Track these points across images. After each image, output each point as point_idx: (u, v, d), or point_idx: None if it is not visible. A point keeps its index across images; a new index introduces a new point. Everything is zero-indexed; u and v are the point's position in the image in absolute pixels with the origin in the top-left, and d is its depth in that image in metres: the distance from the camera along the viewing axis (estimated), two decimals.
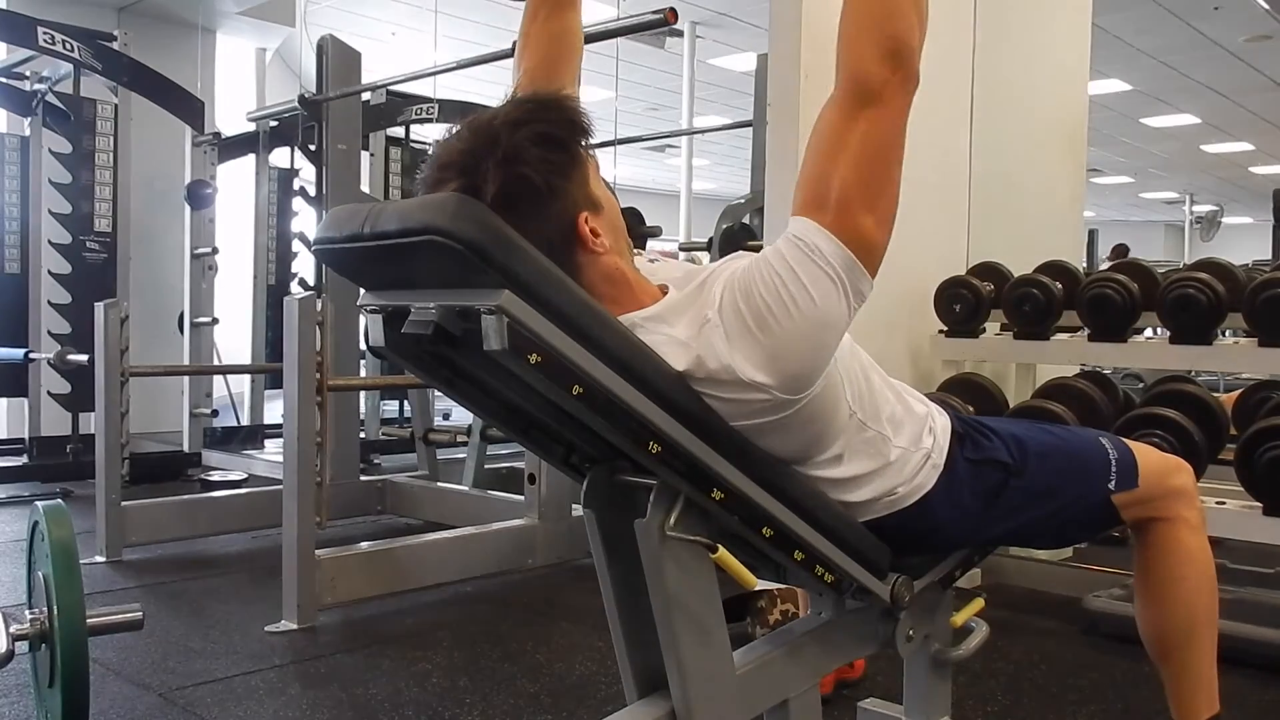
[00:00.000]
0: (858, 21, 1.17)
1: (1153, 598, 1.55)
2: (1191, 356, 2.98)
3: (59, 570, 1.75)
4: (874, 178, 1.17)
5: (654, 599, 1.22)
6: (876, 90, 1.15)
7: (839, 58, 1.18)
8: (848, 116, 1.16)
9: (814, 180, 1.18)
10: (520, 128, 1.17)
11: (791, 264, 1.14)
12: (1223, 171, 16.74)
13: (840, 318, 1.16)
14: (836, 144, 1.17)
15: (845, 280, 1.15)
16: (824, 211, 1.16)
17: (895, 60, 1.15)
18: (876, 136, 1.16)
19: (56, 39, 5.16)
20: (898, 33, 1.16)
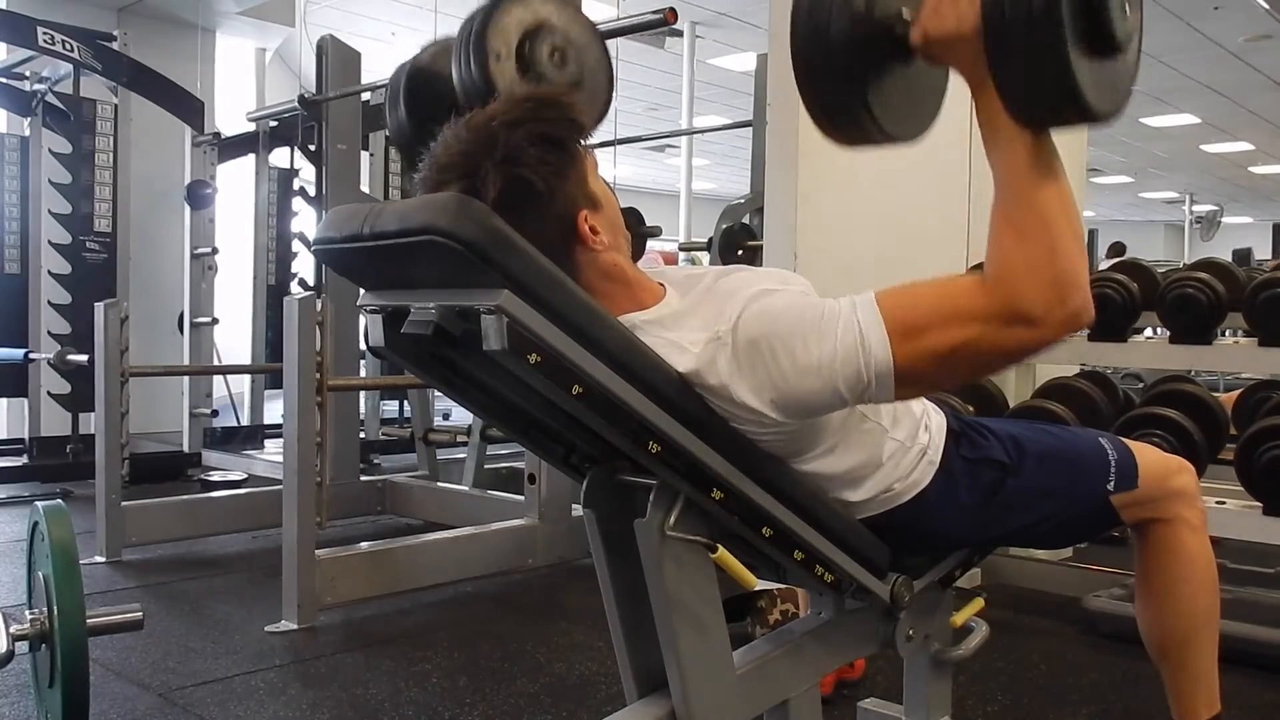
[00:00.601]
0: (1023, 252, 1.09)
1: (1153, 598, 1.55)
2: (1191, 356, 2.98)
3: (59, 570, 1.75)
4: (969, 364, 1.16)
5: (654, 599, 1.22)
6: (1034, 320, 1.09)
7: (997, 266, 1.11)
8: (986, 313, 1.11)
9: (916, 317, 1.14)
10: (518, 128, 1.17)
11: (839, 347, 1.13)
12: (1222, 171, 16.75)
13: (845, 403, 1.18)
14: (959, 318, 1.12)
15: (873, 389, 1.14)
16: (903, 340, 1.12)
17: (1068, 305, 1.09)
18: (999, 346, 1.13)
19: (56, 39, 5.16)
20: (1070, 275, 1.09)
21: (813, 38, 1.13)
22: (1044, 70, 1.05)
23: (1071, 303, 1.09)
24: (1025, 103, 1.09)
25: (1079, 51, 1.05)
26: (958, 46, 1.11)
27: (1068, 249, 1.10)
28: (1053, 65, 1.05)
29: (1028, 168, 1.11)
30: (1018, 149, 1.11)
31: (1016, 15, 1.04)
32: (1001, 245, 1.12)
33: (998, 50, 1.07)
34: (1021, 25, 1.04)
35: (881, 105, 1.15)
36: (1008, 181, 1.12)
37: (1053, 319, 1.09)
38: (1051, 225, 1.10)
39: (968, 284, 1.14)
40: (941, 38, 1.12)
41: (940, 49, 1.13)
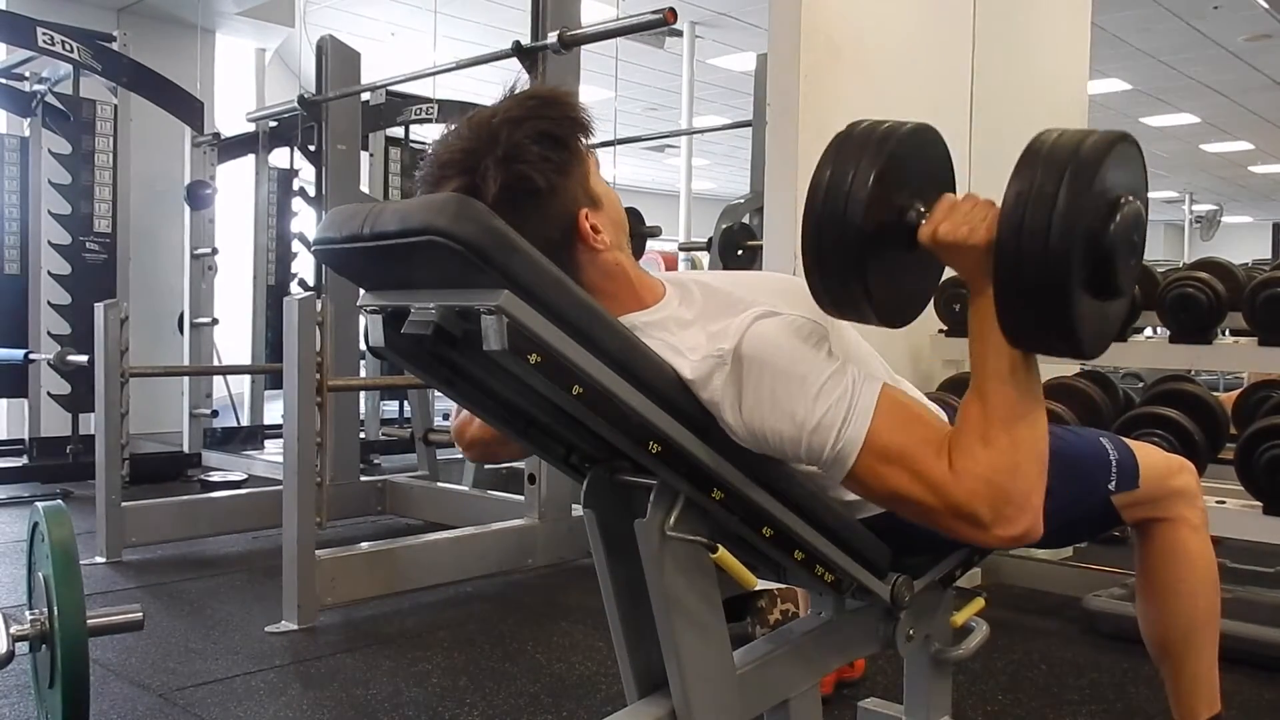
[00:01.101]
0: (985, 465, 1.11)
1: (1154, 598, 1.55)
2: (1191, 356, 2.98)
3: (59, 571, 1.75)
4: (903, 510, 1.16)
5: (654, 599, 1.22)
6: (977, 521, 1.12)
7: (963, 453, 1.12)
8: (939, 496, 1.12)
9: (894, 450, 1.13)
10: (520, 125, 1.17)
11: (827, 413, 1.12)
12: (1222, 171, 16.75)
13: (801, 460, 1.17)
14: (920, 480, 1.12)
15: (828, 468, 1.15)
16: (870, 454, 1.12)
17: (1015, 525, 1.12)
18: (939, 524, 1.14)
19: (56, 39, 5.16)
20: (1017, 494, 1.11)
21: (827, 215, 1.15)
22: (1045, 306, 1.08)
23: (1019, 523, 1.12)
24: (1021, 330, 1.12)
25: (1082, 294, 1.08)
26: (965, 253, 1.14)
27: (1028, 472, 1.12)
28: (1055, 303, 1.07)
29: (1007, 381, 1.13)
30: (1001, 360, 1.14)
31: (1031, 251, 1.06)
32: (967, 437, 1.13)
33: (1005, 278, 1.09)
34: (1034, 262, 1.06)
35: (877, 287, 1.17)
36: (986, 388, 1.14)
37: (997, 531, 1.11)
38: (1018, 446, 1.12)
39: (943, 444, 1.13)
40: (950, 242, 1.14)
41: (947, 251, 1.16)
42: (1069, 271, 1.05)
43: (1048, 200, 1.05)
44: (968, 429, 1.13)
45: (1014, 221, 1.07)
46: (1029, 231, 1.06)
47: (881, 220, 1.16)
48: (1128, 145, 1.11)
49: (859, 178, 1.14)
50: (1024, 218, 1.06)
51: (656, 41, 8.78)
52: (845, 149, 1.17)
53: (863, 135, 1.18)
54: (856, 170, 1.15)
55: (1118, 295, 1.13)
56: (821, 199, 1.16)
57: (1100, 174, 1.07)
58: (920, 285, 1.29)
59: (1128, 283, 1.12)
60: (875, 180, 1.14)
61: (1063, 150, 1.08)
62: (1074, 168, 1.06)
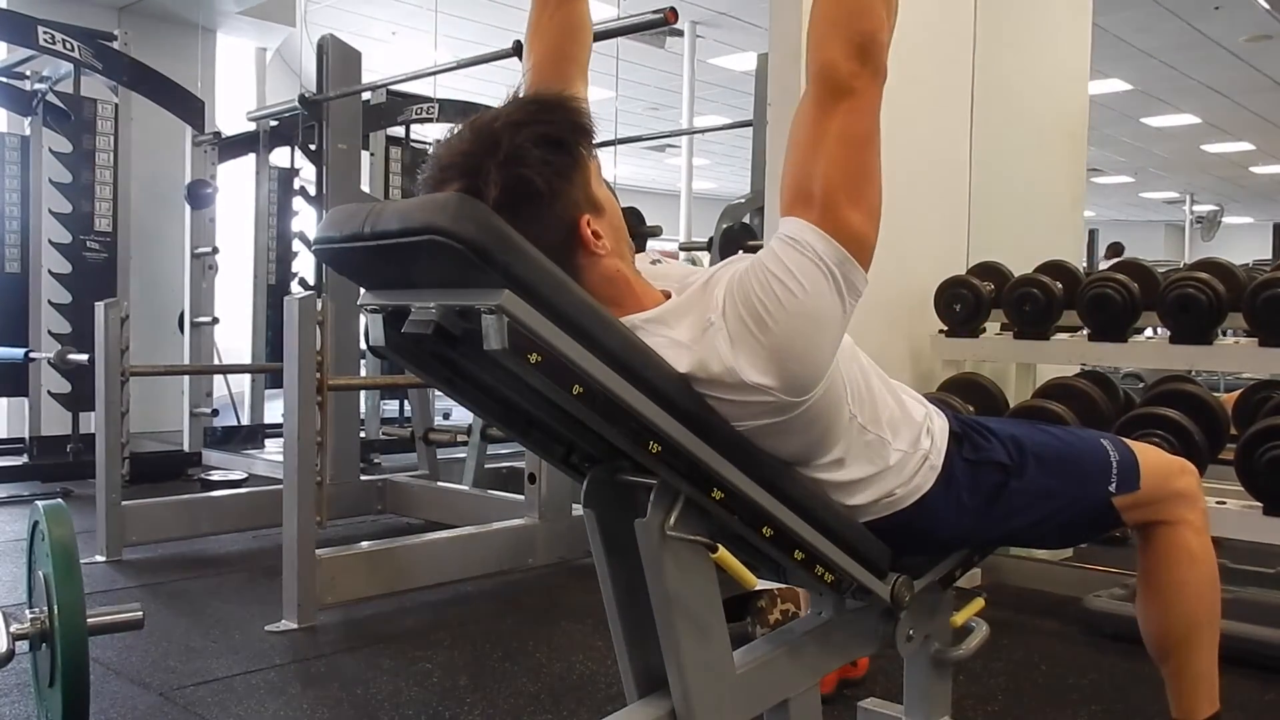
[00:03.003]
0: (827, 18, 1.17)
1: (1154, 599, 1.55)
2: (1192, 356, 2.98)
3: (59, 570, 1.75)
4: (856, 170, 1.18)
5: (654, 599, 1.22)
6: (847, 84, 1.15)
7: (809, 55, 1.19)
8: (823, 112, 1.17)
9: (797, 178, 1.18)
10: (522, 129, 1.17)
11: (785, 261, 1.14)
12: (1223, 171, 16.74)
13: (835, 312, 1.16)
14: (815, 140, 1.17)
15: (838, 274, 1.15)
16: (810, 208, 1.16)
17: (864, 55, 1.16)
18: (852, 129, 1.16)
19: (57, 39, 5.16)
20: (866, 28, 1.16)
21: None
22: None
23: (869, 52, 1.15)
24: None
25: None
26: None
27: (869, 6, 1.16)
28: None
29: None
30: None
31: None
32: (811, 24, 1.18)
33: None
34: None
35: None
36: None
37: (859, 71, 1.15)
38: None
39: (800, 110, 1.19)
40: None
41: None
42: None
43: None
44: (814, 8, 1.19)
45: None
46: None
47: None
48: None
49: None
50: None
51: (657, 41, 8.77)
52: None
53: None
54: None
55: None
56: None
57: None
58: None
59: None
60: None
61: None
62: None
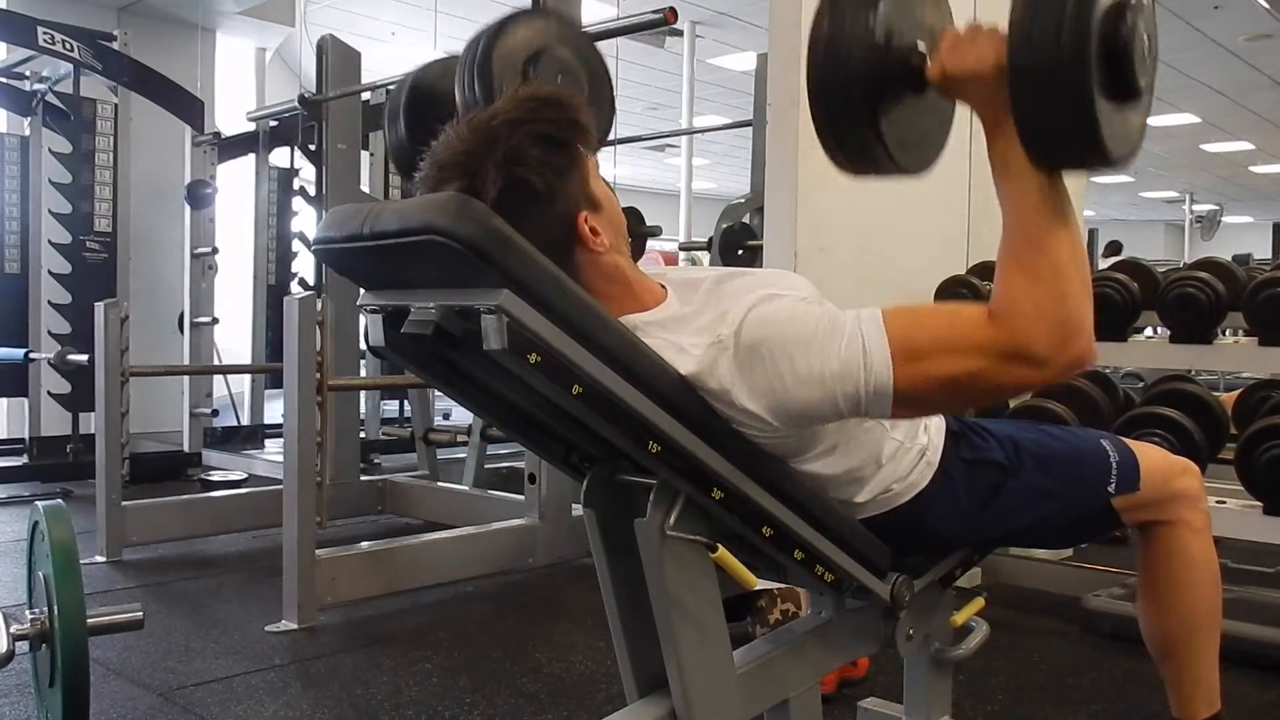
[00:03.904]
0: (1032, 293, 1.10)
1: (1155, 599, 1.55)
2: (1192, 355, 2.97)
3: (59, 570, 1.75)
4: (968, 392, 1.16)
5: (654, 599, 1.22)
6: (1037, 360, 1.10)
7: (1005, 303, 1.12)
8: (989, 347, 1.11)
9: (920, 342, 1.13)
10: (520, 127, 1.17)
11: (842, 359, 1.12)
12: (1223, 170, 16.74)
13: (844, 414, 1.17)
14: (962, 349, 1.12)
15: (871, 404, 1.14)
16: (904, 363, 1.12)
17: (1071, 347, 1.11)
18: (999, 380, 1.13)
19: (56, 39, 5.16)
20: (1076, 319, 1.11)
21: (830, 66, 1.13)
22: (1068, 114, 1.05)
23: (1075, 347, 1.11)
24: (1045, 145, 1.09)
25: (1102, 98, 1.06)
26: (975, 85, 1.12)
27: (1075, 294, 1.11)
28: (1077, 110, 1.05)
29: (1039, 209, 1.12)
30: (1030, 189, 1.12)
31: (1044, 60, 1.04)
32: (1010, 284, 1.12)
33: (1022, 92, 1.06)
34: (1048, 70, 1.04)
35: (892, 135, 1.15)
36: (1018, 222, 1.13)
37: (1057, 362, 1.10)
38: (1061, 270, 1.11)
39: (974, 315, 1.14)
40: (959, 76, 1.13)
41: (957, 86, 1.14)
42: (1085, 72, 1.03)
43: (1055, 4, 1.03)
44: (1009, 268, 1.13)
45: (1023, 33, 1.04)
46: (1039, 39, 1.03)
47: (886, 65, 1.14)
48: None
49: (857, 24, 1.12)
50: (1032, 27, 1.04)
51: (657, 41, 8.77)
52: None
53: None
54: (853, 17, 1.12)
55: (1136, 96, 1.11)
56: (823, 52, 1.14)
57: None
58: (934, 128, 1.27)
59: (1146, 81, 1.10)
60: (875, 25, 1.11)
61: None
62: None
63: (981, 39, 1.12)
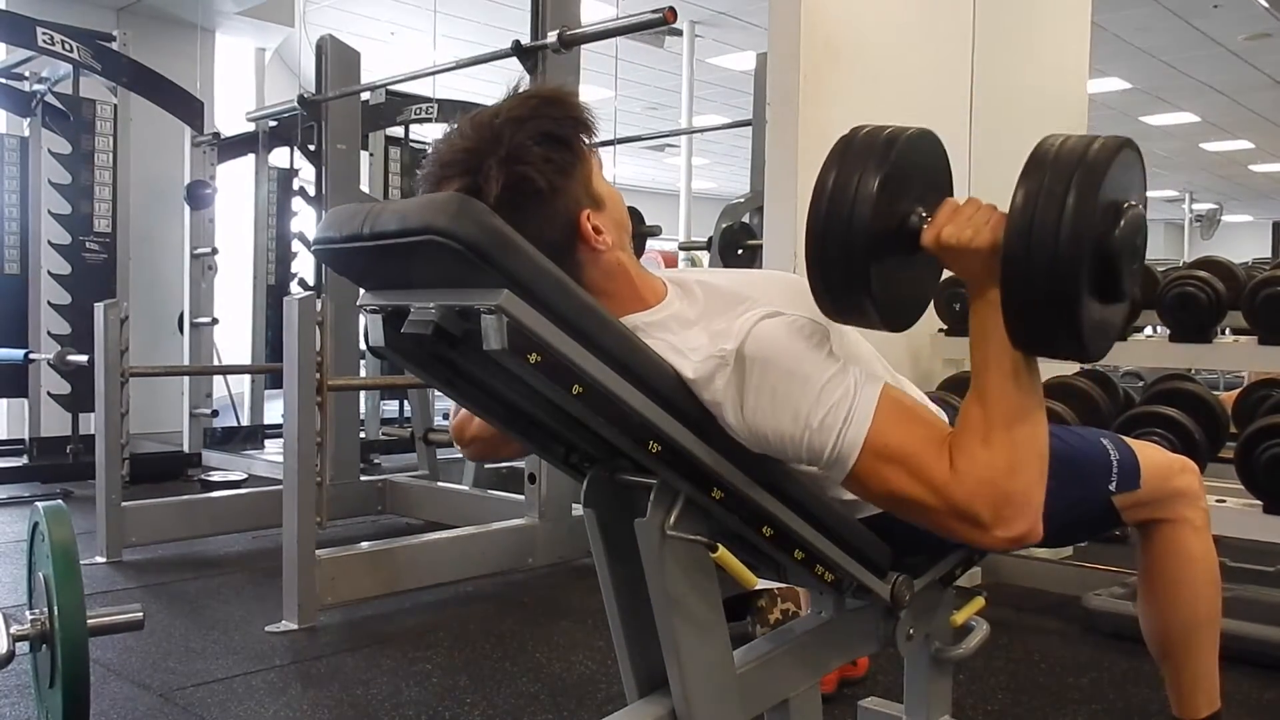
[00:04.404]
0: (984, 465, 1.11)
1: (1155, 598, 1.55)
2: (1191, 354, 2.98)
3: (59, 571, 1.75)
4: (903, 511, 1.17)
5: (654, 598, 1.22)
6: (976, 521, 1.11)
7: (958, 464, 1.12)
8: (940, 496, 1.12)
9: (895, 450, 1.13)
10: (523, 125, 1.17)
11: (828, 414, 1.12)
12: (1222, 170, 16.75)
13: (802, 460, 1.17)
14: (920, 481, 1.12)
15: (827, 464, 1.14)
16: (871, 455, 1.12)
17: (1014, 526, 1.11)
18: (938, 524, 1.14)
19: (56, 39, 5.16)
20: (1024, 502, 1.12)
21: (832, 217, 1.15)
22: (1054, 310, 1.08)
23: (1017, 523, 1.11)
24: (1027, 332, 1.12)
25: (1088, 298, 1.08)
26: (969, 256, 1.14)
27: (1027, 472, 1.12)
28: (1064, 308, 1.07)
29: (1008, 385, 1.13)
30: (1004, 362, 1.14)
31: (1040, 255, 1.06)
32: (965, 443, 1.13)
33: (1012, 279, 1.09)
34: (1043, 267, 1.06)
35: (880, 290, 1.17)
36: (987, 389, 1.14)
37: (996, 532, 1.11)
38: (1017, 447, 1.12)
39: (942, 447, 1.13)
40: (954, 246, 1.14)
41: (950, 255, 1.16)
42: (1078, 276, 1.05)
43: (1056, 203, 1.06)
44: (968, 430, 1.13)
45: (1023, 225, 1.07)
46: (1038, 235, 1.06)
47: (885, 227, 1.16)
48: (1131, 151, 1.12)
49: (863, 185, 1.14)
50: (1033, 221, 1.06)
51: (656, 41, 8.78)
52: (849, 155, 1.17)
53: (866, 141, 1.18)
54: (861, 177, 1.14)
55: (1121, 299, 1.14)
56: (825, 206, 1.16)
57: (1107, 179, 1.07)
58: (922, 289, 1.29)
59: (1132, 286, 1.13)
60: (879, 187, 1.14)
61: (1070, 154, 1.08)
62: (1082, 172, 1.07)
63: (980, 214, 1.14)
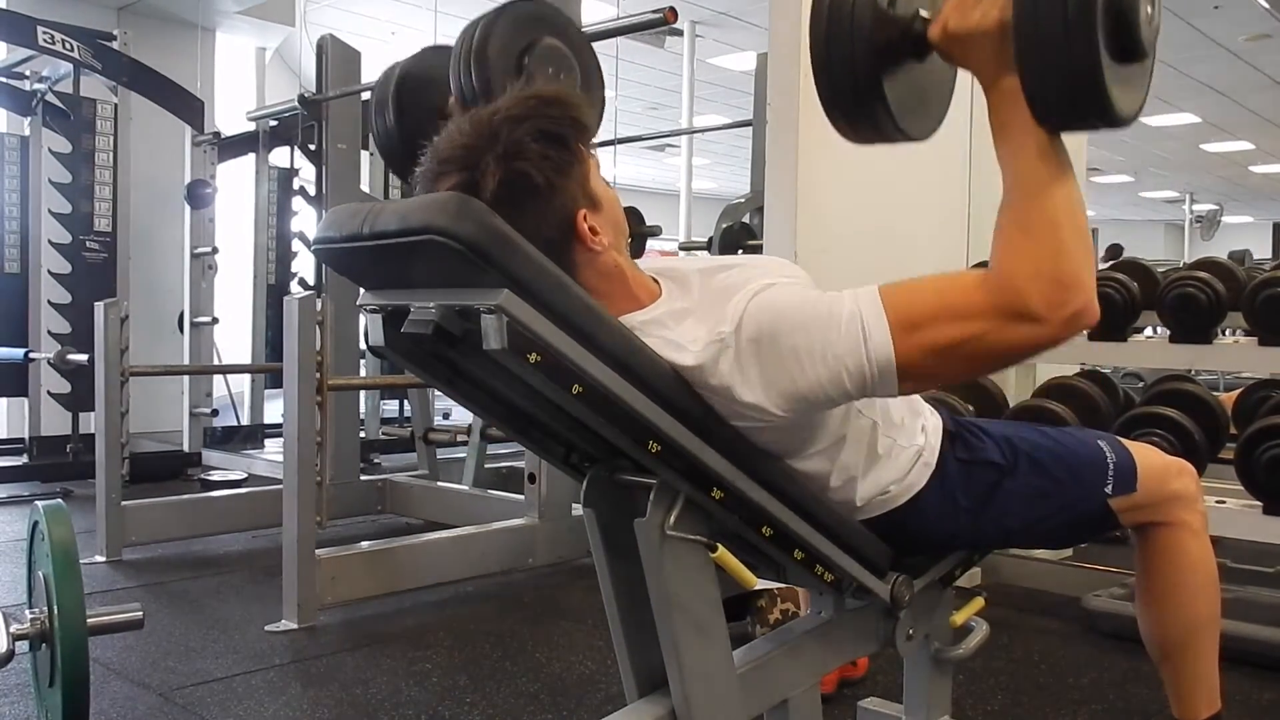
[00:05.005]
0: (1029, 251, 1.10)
1: (1154, 601, 1.55)
2: (1191, 355, 2.98)
3: (59, 570, 1.75)
4: (970, 360, 1.14)
5: (654, 598, 1.22)
6: (1036, 318, 1.09)
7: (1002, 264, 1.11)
8: (988, 310, 1.10)
9: (918, 310, 1.13)
10: (522, 123, 1.18)
11: (842, 338, 1.12)
12: (1223, 170, 16.74)
13: (849, 399, 1.17)
14: (961, 313, 1.11)
15: (876, 383, 1.13)
16: (904, 333, 1.11)
17: (1069, 305, 1.09)
18: (1001, 343, 1.12)
19: (56, 39, 5.16)
20: (1074, 276, 1.09)
21: (832, 33, 1.14)
22: (1075, 74, 1.06)
23: (1074, 303, 1.09)
24: (1052, 104, 1.09)
25: (1108, 56, 1.06)
26: (978, 43, 1.12)
27: (1073, 250, 1.10)
28: (1085, 69, 1.05)
29: (1038, 168, 1.11)
30: (1030, 148, 1.12)
31: (1051, 19, 1.04)
32: (1007, 243, 1.12)
33: (1028, 51, 1.07)
34: (1056, 30, 1.04)
35: (896, 101, 1.16)
36: (1017, 181, 1.13)
37: (1055, 318, 1.09)
38: (1059, 226, 1.10)
39: (971, 280, 1.14)
40: (962, 34, 1.13)
41: (959, 46, 1.14)
42: (1092, 31, 1.03)
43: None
44: (1006, 226, 1.12)
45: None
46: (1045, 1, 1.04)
47: (889, 33, 1.14)
48: None
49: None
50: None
51: (657, 41, 8.77)
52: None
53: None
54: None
55: (1141, 56, 1.11)
56: (825, 22, 1.15)
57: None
58: (936, 94, 1.27)
59: (1149, 40, 1.11)
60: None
61: None
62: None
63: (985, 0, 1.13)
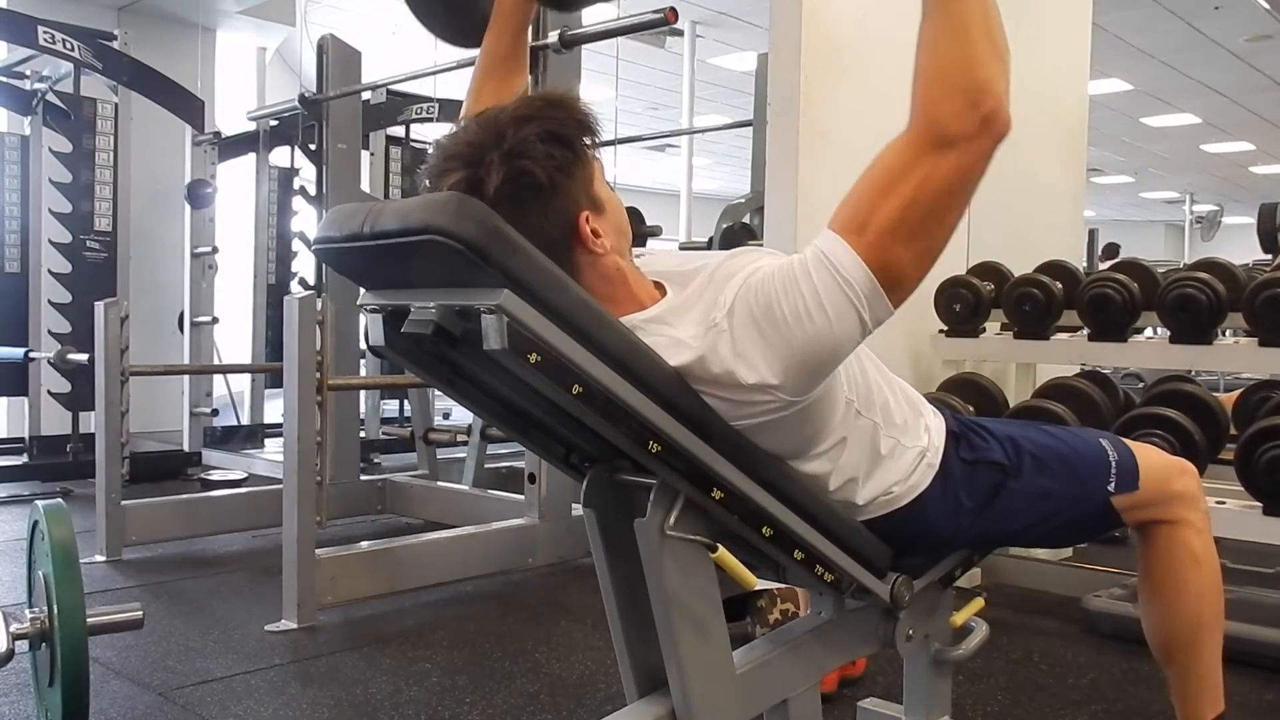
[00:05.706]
0: (936, 73, 1.09)
1: (1157, 600, 1.55)
2: (1192, 356, 2.97)
3: (59, 569, 1.75)
4: (925, 220, 1.11)
5: (654, 599, 1.22)
6: (956, 136, 1.08)
7: (916, 99, 1.10)
8: (917, 155, 1.09)
9: (860, 205, 1.12)
10: (527, 123, 1.18)
11: (815, 282, 1.11)
12: (1223, 171, 16.74)
13: (854, 338, 1.15)
14: (894, 179, 1.10)
15: (866, 305, 1.11)
16: (860, 235, 1.11)
17: (979, 107, 1.07)
18: (940, 182, 1.09)
19: (57, 38, 5.16)
20: (981, 82, 1.08)
21: None
22: None
23: (984, 106, 1.07)
24: None
25: None
26: None
27: (983, 59, 1.08)
28: None
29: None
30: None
31: None
32: (919, 69, 1.10)
33: None
34: None
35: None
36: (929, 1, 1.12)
37: (971, 130, 1.07)
38: (967, 39, 1.08)
39: (893, 142, 1.12)
40: None
41: None
42: None
43: None
44: (919, 51, 1.11)
45: None
46: None
47: None
48: None
49: None
50: None
51: (657, 41, 8.77)
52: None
53: None
54: None
55: None
56: None
57: None
58: None
59: None
60: None
61: None
62: None
63: None
